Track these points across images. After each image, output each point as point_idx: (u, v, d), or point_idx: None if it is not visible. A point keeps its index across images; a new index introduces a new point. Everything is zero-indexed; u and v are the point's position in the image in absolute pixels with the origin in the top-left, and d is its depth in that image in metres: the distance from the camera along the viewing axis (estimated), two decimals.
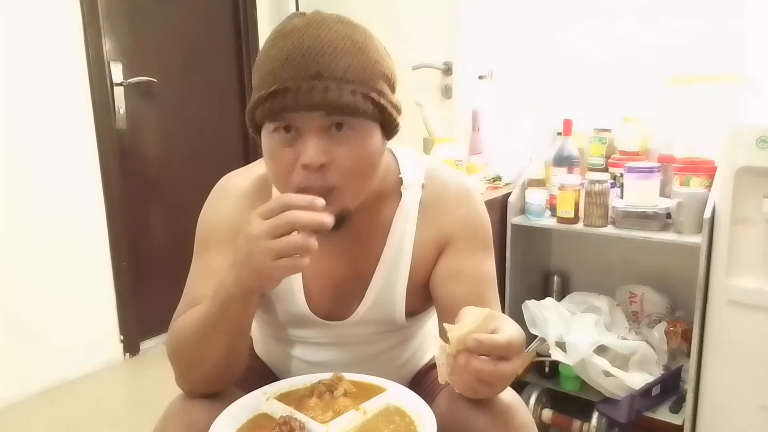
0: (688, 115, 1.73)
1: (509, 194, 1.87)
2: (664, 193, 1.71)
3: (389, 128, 0.82)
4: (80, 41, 2.28)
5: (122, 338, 2.51)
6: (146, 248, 2.63)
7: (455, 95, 2.43)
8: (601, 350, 1.69)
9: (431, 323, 1.05)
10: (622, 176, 1.75)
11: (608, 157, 1.87)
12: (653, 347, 1.73)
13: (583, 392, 1.81)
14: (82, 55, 2.28)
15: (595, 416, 1.72)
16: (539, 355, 1.86)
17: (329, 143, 0.75)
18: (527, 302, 1.80)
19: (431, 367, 1.00)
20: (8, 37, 2.08)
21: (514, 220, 1.86)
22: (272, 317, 0.96)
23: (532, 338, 1.83)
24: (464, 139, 2.16)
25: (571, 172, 1.79)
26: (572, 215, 1.73)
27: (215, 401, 0.83)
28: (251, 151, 2.94)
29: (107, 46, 2.37)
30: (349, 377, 0.84)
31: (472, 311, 0.71)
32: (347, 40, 0.75)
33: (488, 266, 0.92)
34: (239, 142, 2.95)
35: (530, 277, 2.04)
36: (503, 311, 0.83)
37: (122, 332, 2.50)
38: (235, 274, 0.74)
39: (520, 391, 1.72)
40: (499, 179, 1.99)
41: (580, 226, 1.74)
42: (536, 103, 2.07)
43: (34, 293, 2.22)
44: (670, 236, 1.62)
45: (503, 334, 0.68)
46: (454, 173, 0.99)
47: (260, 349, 1.09)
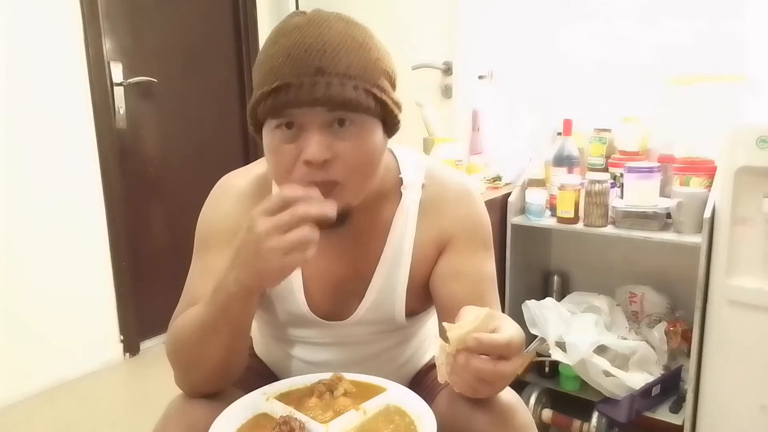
0: (688, 115, 1.73)
1: (509, 194, 1.87)
2: (664, 193, 1.71)
3: (390, 125, 0.82)
4: (80, 41, 2.28)
5: (122, 338, 2.51)
6: (146, 248, 2.63)
7: (455, 95, 2.42)
8: (601, 350, 1.69)
9: (431, 323, 1.05)
10: (622, 176, 1.76)
11: (608, 157, 1.87)
12: (653, 347, 1.73)
13: (583, 392, 1.81)
14: (82, 55, 2.28)
15: (595, 416, 1.72)
16: (539, 355, 1.86)
17: (332, 139, 0.75)
18: (527, 302, 1.80)
19: (431, 367, 1.00)
20: (8, 37, 2.08)
21: (514, 220, 1.86)
22: (272, 317, 0.96)
23: (532, 338, 1.83)
24: (464, 139, 2.16)
25: (571, 172, 1.79)
26: (572, 215, 1.73)
27: (215, 401, 0.83)
28: (251, 151, 2.94)
29: (107, 46, 2.37)
30: (349, 377, 0.84)
31: (471, 311, 0.71)
32: (348, 37, 0.75)
33: (488, 266, 0.92)
34: (239, 142, 2.95)
35: (530, 277, 2.04)
36: (503, 311, 0.83)
37: (122, 332, 2.50)
38: (235, 274, 0.73)
39: (520, 391, 1.72)
40: (499, 179, 1.99)
41: (580, 226, 1.74)
42: (536, 103, 2.07)
43: (34, 293, 2.22)
44: (670, 236, 1.62)
45: (503, 333, 0.68)
46: (454, 173, 0.99)
47: (260, 349, 1.09)
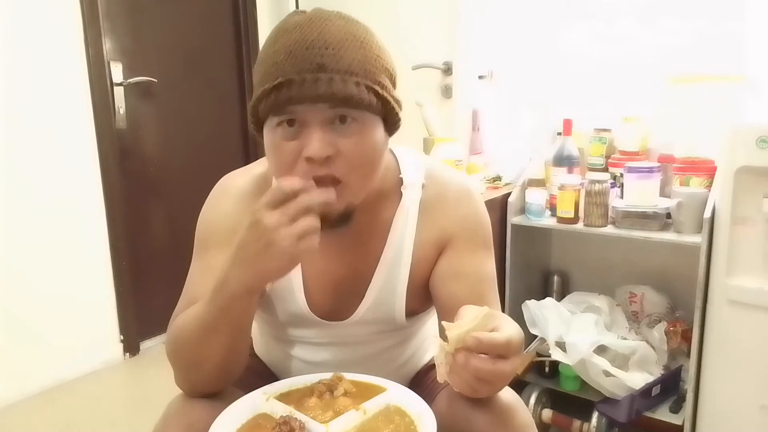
0: (688, 115, 1.73)
1: (509, 194, 1.87)
2: (664, 193, 1.71)
3: (391, 123, 0.82)
4: (80, 41, 2.28)
5: (122, 338, 2.51)
6: (146, 248, 2.63)
7: (455, 95, 2.42)
8: (601, 350, 1.69)
9: (431, 323, 1.05)
10: (622, 176, 1.75)
11: (608, 157, 1.87)
12: (653, 347, 1.73)
13: (583, 392, 1.80)
14: (82, 55, 2.28)
15: (595, 416, 1.72)
16: (539, 355, 1.86)
17: (333, 136, 0.75)
18: (527, 302, 1.80)
19: (431, 367, 1.00)
20: (8, 37, 2.08)
21: (514, 220, 1.86)
22: (272, 317, 0.96)
23: (532, 338, 1.83)
24: (464, 139, 2.16)
25: (571, 172, 1.79)
26: (572, 215, 1.73)
27: (215, 401, 0.82)
28: (251, 151, 2.94)
29: (107, 46, 2.37)
30: (349, 377, 0.84)
31: (471, 310, 0.71)
32: (349, 34, 0.75)
33: (488, 266, 0.92)
34: (239, 142, 2.95)
35: (530, 277, 2.04)
36: (503, 311, 0.83)
37: (122, 332, 2.50)
38: (237, 273, 0.73)
39: (520, 391, 1.72)
40: (499, 179, 1.99)
41: (580, 226, 1.74)
42: (536, 103, 2.07)
43: (34, 293, 2.22)
44: (670, 236, 1.62)
45: (502, 332, 0.68)
46: (454, 173, 0.99)
47: (260, 349, 1.09)
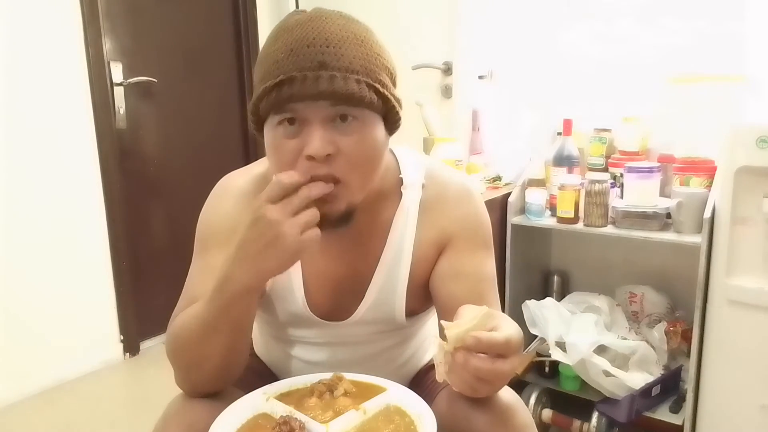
0: (688, 115, 1.73)
1: (509, 194, 1.87)
2: (664, 193, 1.71)
3: (392, 122, 0.82)
4: (80, 41, 2.28)
5: (122, 338, 2.51)
6: (146, 248, 2.62)
7: (455, 95, 2.42)
8: (601, 350, 1.69)
9: (431, 323, 1.05)
10: (622, 176, 1.76)
11: (608, 157, 1.87)
12: (653, 347, 1.73)
13: (583, 392, 1.80)
14: (82, 55, 2.28)
15: (595, 416, 1.71)
16: (539, 355, 1.86)
17: (334, 134, 0.75)
18: (527, 302, 1.80)
19: (431, 367, 1.00)
20: (8, 37, 2.08)
21: (514, 220, 1.86)
22: (272, 317, 0.96)
23: (532, 338, 1.83)
24: (464, 139, 2.16)
25: (571, 172, 1.79)
26: (572, 215, 1.73)
27: (215, 401, 0.82)
28: (251, 151, 2.94)
29: (107, 46, 2.37)
30: (349, 377, 0.84)
31: (470, 309, 0.71)
32: (350, 33, 0.76)
33: (488, 266, 0.92)
34: (239, 142, 2.95)
35: (530, 277, 2.04)
36: (503, 311, 0.83)
37: (122, 332, 2.50)
38: (237, 272, 0.74)
39: (520, 391, 1.72)
40: (499, 179, 1.99)
41: (580, 226, 1.74)
42: (536, 102, 2.07)
43: (34, 293, 2.22)
44: (670, 236, 1.62)
45: (502, 332, 0.68)
46: (454, 173, 0.99)
47: (260, 349, 1.09)
